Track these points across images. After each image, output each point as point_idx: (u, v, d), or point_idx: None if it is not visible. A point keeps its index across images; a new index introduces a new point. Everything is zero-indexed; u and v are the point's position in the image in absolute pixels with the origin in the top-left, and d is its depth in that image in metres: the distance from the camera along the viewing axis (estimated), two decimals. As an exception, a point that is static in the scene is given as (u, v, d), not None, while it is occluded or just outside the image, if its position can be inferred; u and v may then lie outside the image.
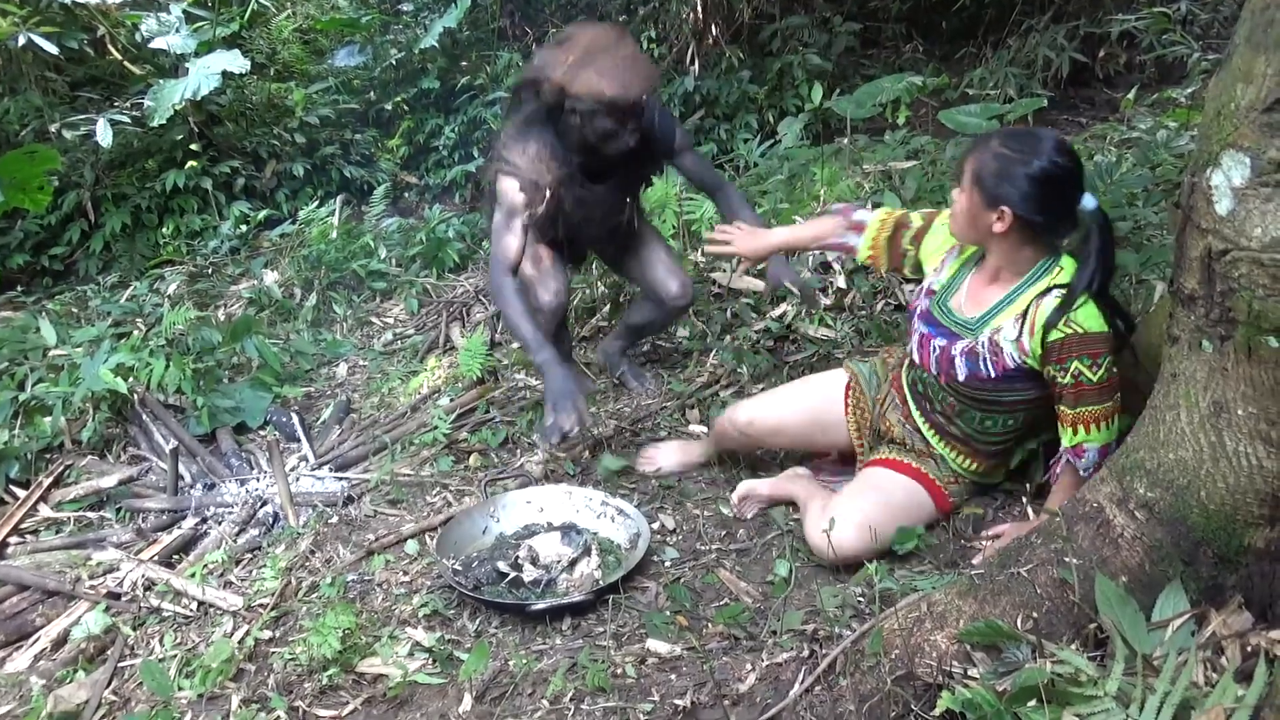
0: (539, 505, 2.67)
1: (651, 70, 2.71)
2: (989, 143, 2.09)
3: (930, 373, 2.28)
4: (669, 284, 3.10)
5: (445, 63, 6.40)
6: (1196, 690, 1.43)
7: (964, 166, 2.12)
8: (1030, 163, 2.01)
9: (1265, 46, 1.43)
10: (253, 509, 2.95)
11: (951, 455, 2.35)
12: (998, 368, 2.15)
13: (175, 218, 5.63)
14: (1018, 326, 2.11)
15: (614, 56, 2.63)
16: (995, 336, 2.14)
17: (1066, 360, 2.03)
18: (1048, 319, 2.05)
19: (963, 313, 2.23)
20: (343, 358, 4.10)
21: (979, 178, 2.07)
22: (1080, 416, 2.07)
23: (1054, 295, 2.06)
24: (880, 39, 6.41)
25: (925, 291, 2.35)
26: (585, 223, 2.98)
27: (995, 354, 2.15)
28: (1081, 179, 2.06)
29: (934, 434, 2.35)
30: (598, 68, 2.60)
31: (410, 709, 2.04)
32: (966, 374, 2.19)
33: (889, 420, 2.44)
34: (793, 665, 1.94)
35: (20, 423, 3.44)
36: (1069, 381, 2.05)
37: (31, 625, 2.59)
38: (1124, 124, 4.41)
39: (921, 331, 2.30)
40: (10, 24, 5.04)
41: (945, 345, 2.23)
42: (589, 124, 2.67)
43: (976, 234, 2.15)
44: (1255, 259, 1.46)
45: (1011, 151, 2.04)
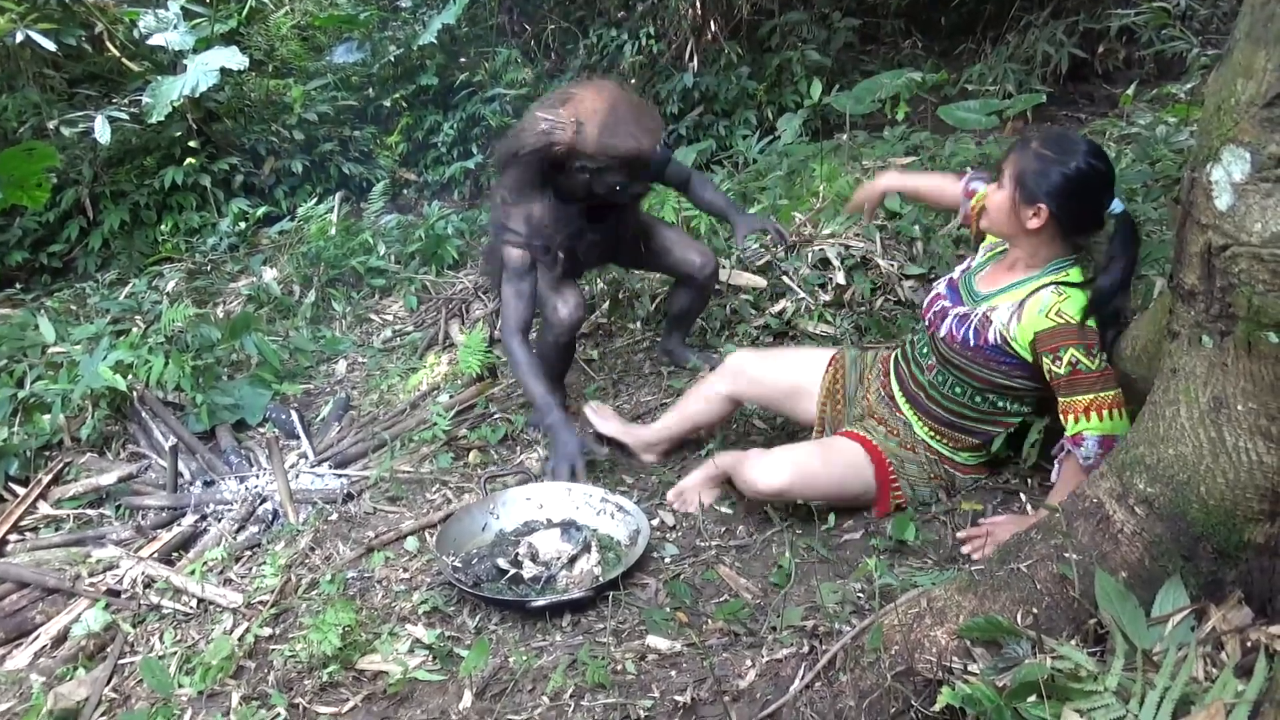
0: (539, 502, 2.67)
1: (657, 121, 2.75)
2: (1029, 145, 2.22)
3: (924, 324, 2.44)
4: (691, 259, 3.15)
5: (444, 59, 6.39)
6: (1196, 685, 1.43)
7: (1003, 166, 2.26)
8: (1067, 164, 2.14)
9: (1266, 41, 1.43)
10: (252, 506, 2.95)
11: (918, 422, 2.45)
12: (980, 339, 2.26)
13: (174, 215, 5.62)
14: (1010, 310, 2.22)
15: (621, 113, 2.66)
16: (990, 313, 2.27)
17: (1060, 349, 2.12)
18: (1039, 308, 2.16)
19: (977, 287, 2.37)
20: (342, 355, 4.10)
21: (1020, 176, 2.19)
22: (1078, 405, 2.11)
23: (1051, 289, 2.18)
24: (879, 35, 6.41)
25: (962, 268, 2.50)
26: (598, 255, 3.10)
27: (983, 327, 2.27)
28: (1113, 182, 2.17)
29: (906, 401, 2.48)
30: (608, 126, 2.63)
31: (410, 706, 2.04)
32: (948, 332, 2.33)
33: (868, 391, 2.59)
34: (793, 661, 1.95)
35: (19, 420, 3.44)
36: (1065, 371, 2.12)
37: (31, 622, 2.59)
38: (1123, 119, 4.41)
39: (939, 291, 2.46)
40: (8, 20, 5.03)
41: (947, 305, 2.38)
42: (598, 179, 2.72)
43: (1011, 228, 2.26)
44: (1255, 254, 1.46)
45: (1051, 153, 2.16)
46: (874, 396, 2.56)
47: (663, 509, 2.65)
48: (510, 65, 6.11)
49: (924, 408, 2.42)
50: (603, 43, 6.09)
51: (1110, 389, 2.10)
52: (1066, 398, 2.13)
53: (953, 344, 2.31)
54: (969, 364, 2.30)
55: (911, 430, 2.45)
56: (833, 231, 3.69)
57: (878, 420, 2.51)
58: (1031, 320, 2.16)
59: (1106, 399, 2.10)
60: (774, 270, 3.64)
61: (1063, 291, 2.16)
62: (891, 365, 2.56)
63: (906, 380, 2.47)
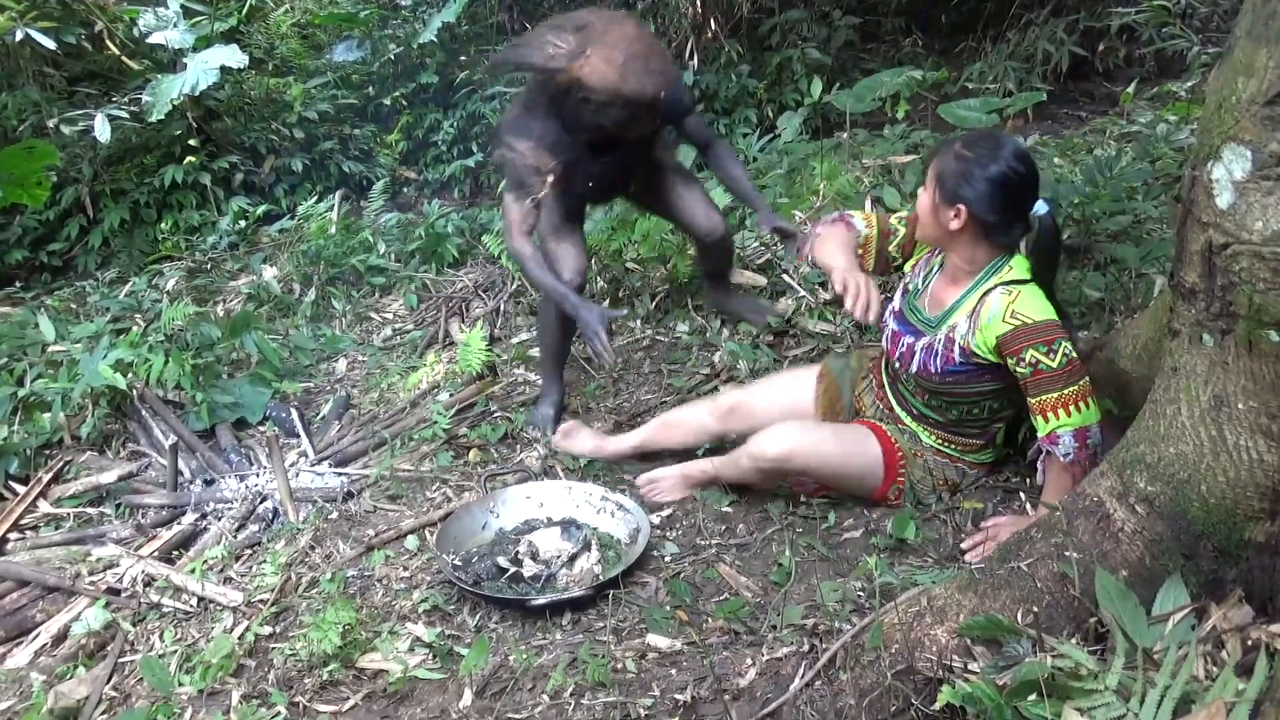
0: (539, 500, 2.67)
1: (668, 65, 2.67)
2: (952, 146, 2.23)
3: (896, 365, 2.42)
4: (697, 221, 3.09)
5: (444, 57, 6.38)
6: (1197, 684, 1.43)
7: (928, 167, 2.26)
8: (987, 166, 2.14)
9: (1266, 39, 1.43)
10: (252, 505, 2.95)
11: (921, 431, 2.44)
12: (946, 362, 2.26)
13: (174, 213, 5.61)
14: (968, 322, 2.23)
15: (632, 52, 2.54)
16: (951, 334, 2.26)
17: (1021, 351, 2.12)
18: (991, 313, 2.17)
19: (926, 311, 2.36)
20: (342, 353, 4.09)
21: (940, 177, 2.21)
22: (1046, 404, 2.12)
23: (999, 291, 2.19)
24: (879, 33, 6.40)
25: (901, 290, 2.48)
26: (599, 187, 2.99)
27: (949, 349, 2.26)
28: (1036, 185, 2.19)
29: (905, 413, 2.46)
30: (616, 64, 2.52)
31: (410, 704, 2.04)
32: (919, 368, 2.32)
33: (863, 401, 2.57)
34: (793, 660, 1.95)
35: (19, 419, 3.44)
36: (1027, 371, 2.12)
37: (32, 621, 2.59)
38: (1123, 118, 4.41)
39: (893, 328, 2.44)
40: (8, 19, 5.02)
41: (911, 342, 2.36)
42: (601, 113, 2.62)
43: (936, 232, 2.27)
44: (1256, 252, 1.46)
45: (971, 154, 2.17)
46: (871, 410, 2.55)
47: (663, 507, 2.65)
48: (510, 63, 6.10)
49: (929, 421, 2.42)
50: (603, 41, 6.08)
51: (1075, 383, 2.10)
52: (1035, 397, 2.14)
53: (929, 377, 2.31)
54: (952, 387, 2.30)
55: (918, 439, 2.44)
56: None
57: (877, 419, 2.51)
58: (990, 326, 2.17)
59: (1073, 393, 2.10)
60: (774, 269, 3.64)
61: (1011, 290, 2.17)
62: (885, 379, 2.53)
63: (904, 400, 2.46)
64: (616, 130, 2.69)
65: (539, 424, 3.11)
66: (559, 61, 2.57)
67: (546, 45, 2.61)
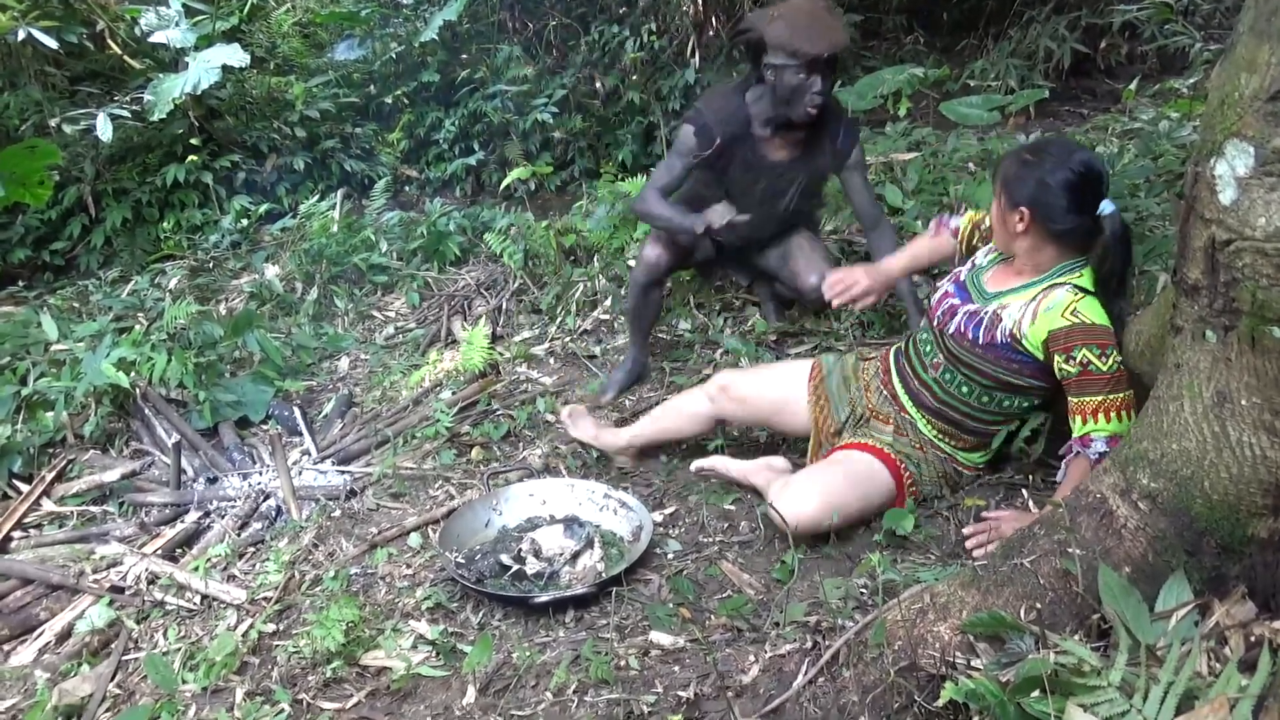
0: (541, 498, 2.67)
1: (839, 32, 2.86)
2: (1017, 152, 2.25)
3: (933, 323, 2.40)
4: (807, 279, 3.11)
5: (445, 56, 6.38)
6: (1200, 680, 1.43)
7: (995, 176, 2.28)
8: (1048, 168, 2.14)
9: (1269, 35, 1.43)
10: (255, 503, 2.96)
11: (923, 421, 2.43)
12: (989, 336, 2.25)
13: (176, 212, 5.62)
14: (1023, 309, 2.21)
15: (807, 14, 2.82)
16: (1000, 311, 2.25)
17: (1073, 349, 2.10)
18: (1052, 304, 2.15)
19: (986, 285, 2.35)
20: (344, 351, 4.10)
21: (1005, 182, 2.22)
22: (1087, 406, 2.10)
23: (1066, 289, 2.17)
24: (881, 30, 6.40)
25: (970, 263, 2.47)
26: (746, 193, 3.04)
27: (993, 324, 2.25)
28: (1101, 187, 2.16)
29: (910, 400, 2.45)
30: (791, 21, 2.80)
31: (414, 701, 2.04)
32: (957, 329, 2.31)
33: (870, 389, 2.55)
34: (796, 657, 1.95)
35: (22, 417, 3.44)
36: (1076, 370, 2.10)
37: (36, 619, 2.59)
38: (1126, 115, 4.41)
39: (947, 289, 2.43)
40: (9, 18, 5.02)
41: (957, 303, 2.36)
42: (779, 79, 2.82)
43: (1004, 237, 2.29)
44: (1259, 249, 1.46)
45: (1035, 158, 2.18)
46: (875, 396, 2.53)
47: (665, 505, 2.65)
48: (512, 62, 6.10)
49: (928, 405, 2.41)
50: (604, 39, 6.08)
51: (1121, 391, 2.08)
52: (1077, 398, 2.12)
53: (962, 341, 2.29)
54: (978, 360, 2.28)
55: (917, 429, 2.43)
56: (835, 228, 3.69)
57: (882, 420, 2.48)
58: (1045, 318, 2.15)
59: (1117, 401, 2.08)
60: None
61: (1077, 293, 2.15)
62: (892, 362, 2.53)
63: (910, 378, 2.45)
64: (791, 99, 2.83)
65: (608, 386, 3.30)
66: (753, 22, 2.90)
67: (751, 15, 2.99)
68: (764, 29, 2.84)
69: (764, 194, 3.05)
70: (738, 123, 2.96)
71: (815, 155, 3.03)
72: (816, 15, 2.85)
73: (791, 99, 2.83)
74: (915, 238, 2.75)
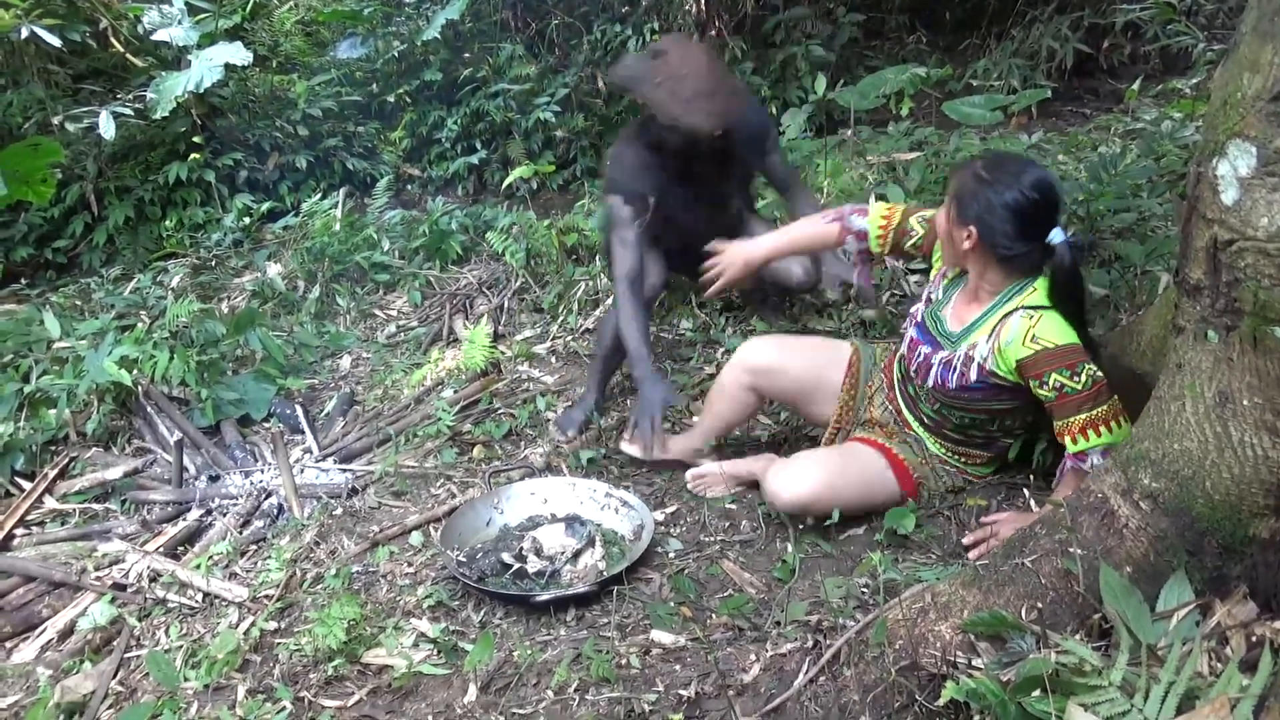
0: (543, 497, 2.67)
1: (730, 103, 2.70)
2: (973, 165, 2.19)
3: (912, 373, 2.38)
4: (790, 268, 3.09)
5: (447, 55, 6.38)
6: (1201, 680, 1.43)
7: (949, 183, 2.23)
8: (1002, 191, 2.09)
9: (1272, 35, 1.43)
10: (257, 501, 2.96)
11: (929, 439, 2.42)
12: (963, 379, 2.23)
13: (178, 210, 5.62)
14: (988, 343, 2.19)
15: (693, 84, 2.63)
16: (970, 352, 2.23)
17: (1044, 375, 2.09)
18: (1010, 336, 2.12)
19: (948, 325, 2.32)
20: (346, 350, 4.10)
21: (958, 196, 2.17)
22: (1074, 426, 2.09)
23: (1020, 315, 2.13)
24: (884, 30, 6.39)
25: (925, 299, 2.44)
26: (693, 227, 2.98)
27: (967, 367, 2.23)
28: (1053, 212, 2.13)
29: (914, 419, 2.44)
30: (675, 91, 2.63)
31: (415, 699, 2.04)
32: (936, 381, 2.29)
33: (873, 403, 2.53)
34: (797, 656, 1.95)
35: (25, 415, 3.44)
36: (1052, 395, 2.10)
37: (38, 616, 2.60)
38: (1128, 115, 4.41)
39: (912, 336, 2.40)
40: (13, 16, 5.02)
41: (929, 352, 2.32)
42: (671, 135, 2.72)
43: (951, 250, 2.25)
44: (1261, 249, 1.46)
45: (989, 176, 2.12)
46: (879, 411, 2.50)
47: (667, 504, 2.66)
48: (514, 61, 6.10)
49: (934, 429, 2.41)
50: (607, 38, 6.08)
51: (1103, 404, 2.07)
52: (1061, 420, 2.11)
53: (944, 391, 2.28)
54: (966, 401, 2.28)
55: (925, 446, 2.43)
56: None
57: (887, 435, 2.47)
58: (1010, 349, 2.13)
59: (1101, 414, 2.07)
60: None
61: (1032, 315, 2.11)
62: (895, 382, 2.49)
63: (914, 403, 2.44)
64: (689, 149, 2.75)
65: (564, 426, 3.09)
66: (637, 87, 2.72)
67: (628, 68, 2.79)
68: (646, 93, 2.67)
69: (708, 212, 3.01)
70: (655, 173, 2.84)
71: (735, 160, 2.95)
72: (703, 85, 2.64)
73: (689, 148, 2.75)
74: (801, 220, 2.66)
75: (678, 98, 2.63)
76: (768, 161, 3.05)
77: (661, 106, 2.65)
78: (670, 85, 2.64)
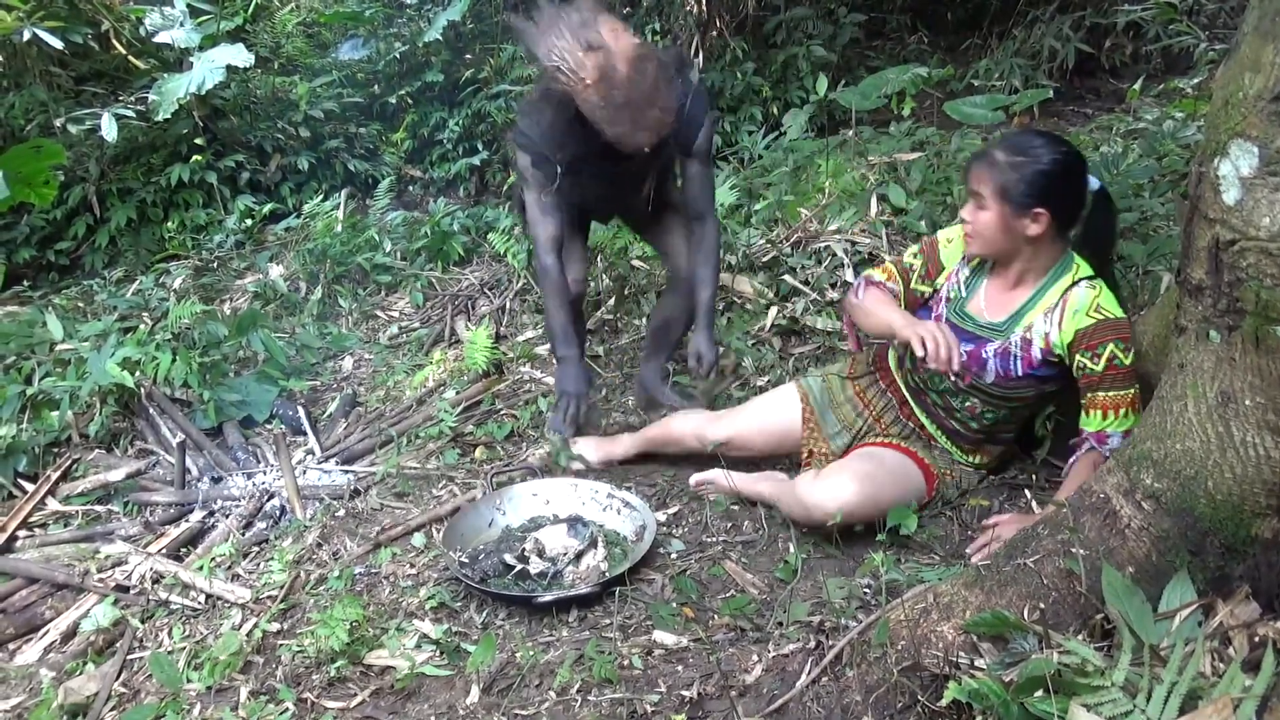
0: (545, 498, 2.67)
1: (663, 118, 2.41)
2: (993, 157, 2.15)
3: (950, 379, 2.30)
4: (681, 252, 2.90)
5: (449, 56, 6.39)
6: (1203, 680, 1.43)
7: (976, 186, 2.17)
8: (1043, 161, 2.10)
9: (1273, 35, 1.43)
10: (260, 502, 2.96)
11: (955, 448, 2.42)
12: (1025, 364, 2.22)
13: (180, 212, 5.63)
14: (1049, 319, 2.19)
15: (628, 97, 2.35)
16: (1028, 334, 2.21)
17: (1099, 345, 2.10)
18: (1078, 305, 2.14)
19: (985, 317, 2.29)
20: (348, 351, 4.11)
21: (1004, 190, 2.13)
22: (1108, 401, 2.12)
23: (1084, 285, 2.16)
24: (885, 30, 6.40)
25: (942, 299, 2.39)
26: (605, 196, 2.87)
27: (1027, 350, 2.22)
28: (1084, 159, 2.17)
29: (937, 429, 2.42)
30: (609, 103, 2.34)
31: (418, 700, 2.04)
32: (997, 374, 2.25)
33: (884, 422, 2.49)
34: (799, 656, 1.95)
35: (28, 417, 3.45)
36: (1102, 367, 2.11)
37: (41, 618, 2.60)
38: (1130, 115, 4.41)
39: None
40: (15, 19, 5.04)
41: (974, 349, 2.28)
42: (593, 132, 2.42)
43: (1009, 243, 2.20)
44: (1263, 248, 1.46)
45: (1025, 156, 2.12)
46: (896, 430, 2.46)
47: (669, 505, 2.66)
48: (515, 62, 6.10)
49: (960, 436, 2.40)
50: (608, 39, 6.09)
51: (1135, 385, 2.11)
52: (1101, 392, 2.12)
53: (1006, 382, 2.25)
54: (1023, 389, 2.26)
55: (949, 456, 2.43)
56: (839, 227, 3.69)
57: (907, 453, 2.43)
58: (1072, 319, 2.14)
59: (1131, 396, 2.11)
60: (779, 268, 3.63)
61: (1094, 285, 2.15)
62: (907, 394, 2.44)
63: (940, 411, 2.40)
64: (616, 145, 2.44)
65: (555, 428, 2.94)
66: (560, 78, 2.39)
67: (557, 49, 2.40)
68: (573, 90, 2.36)
69: (623, 189, 2.79)
70: (572, 143, 2.53)
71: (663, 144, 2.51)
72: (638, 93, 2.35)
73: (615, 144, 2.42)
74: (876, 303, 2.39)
75: (609, 105, 2.34)
76: (688, 165, 2.73)
77: (588, 109, 2.36)
78: (602, 88, 2.34)
